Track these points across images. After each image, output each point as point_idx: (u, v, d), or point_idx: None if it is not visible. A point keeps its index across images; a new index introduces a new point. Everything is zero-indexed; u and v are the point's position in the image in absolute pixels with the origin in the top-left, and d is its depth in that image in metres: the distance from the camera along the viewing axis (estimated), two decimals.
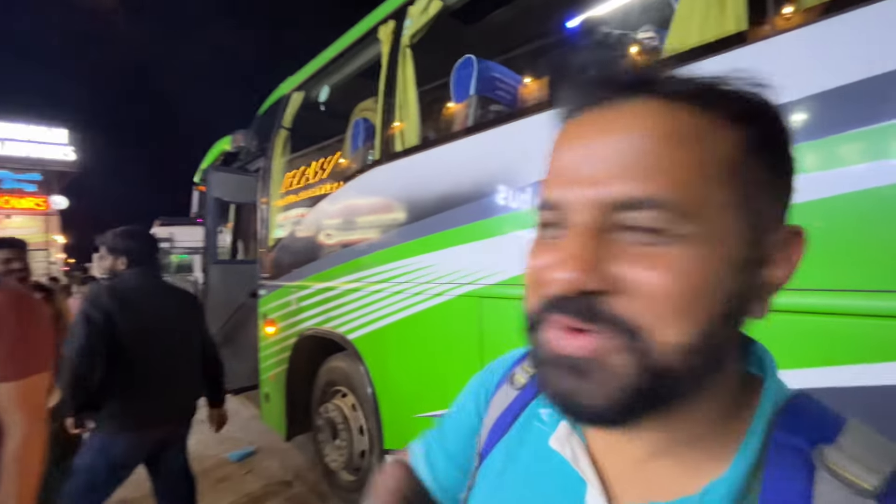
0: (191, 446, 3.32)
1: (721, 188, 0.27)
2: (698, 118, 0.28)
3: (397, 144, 1.97)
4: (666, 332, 0.26)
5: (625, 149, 0.27)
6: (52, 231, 18.81)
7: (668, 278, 0.26)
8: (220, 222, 3.78)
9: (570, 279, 0.27)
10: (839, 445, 0.28)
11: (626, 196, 0.27)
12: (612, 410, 0.28)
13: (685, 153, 0.27)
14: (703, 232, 0.26)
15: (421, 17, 1.88)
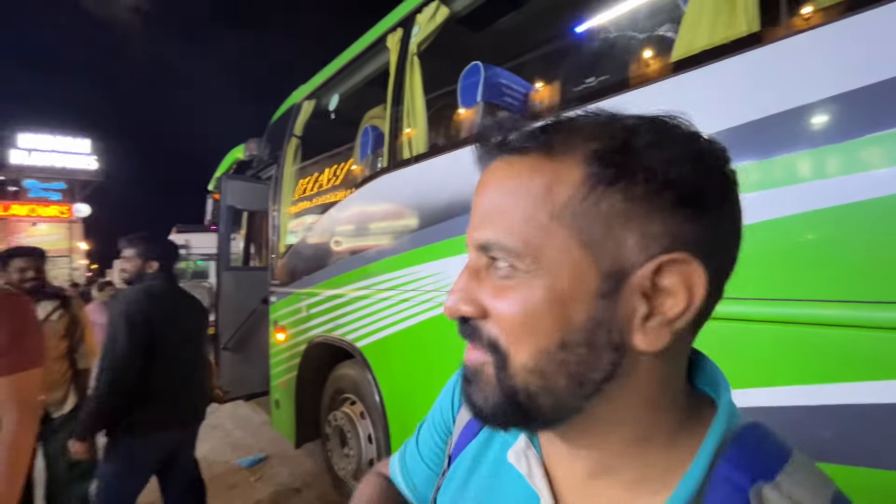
0: (203, 452, 3.35)
1: (559, 228, 0.29)
2: (540, 167, 0.31)
3: (405, 152, 1.97)
4: (519, 352, 0.30)
5: (485, 201, 0.33)
6: (76, 238, 19.37)
7: (514, 307, 0.30)
8: (234, 229, 3.83)
9: (451, 307, 0.34)
10: (777, 484, 0.28)
11: (482, 240, 0.32)
12: (493, 412, 0.32)
13: (518, 203, 0.31)
14: (542, 268, 0.30)
15: (428, 25, 1.88)
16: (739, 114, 0.96)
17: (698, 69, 1.04)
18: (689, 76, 1.06)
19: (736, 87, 0.99)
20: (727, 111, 0.98)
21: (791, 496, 0.27)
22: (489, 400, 0.32)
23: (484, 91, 1.73)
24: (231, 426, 3.98)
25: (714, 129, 0.99)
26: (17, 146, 17.98)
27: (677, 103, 0.88)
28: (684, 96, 1.07)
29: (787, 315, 0.89)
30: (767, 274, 0.91)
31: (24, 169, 18.24)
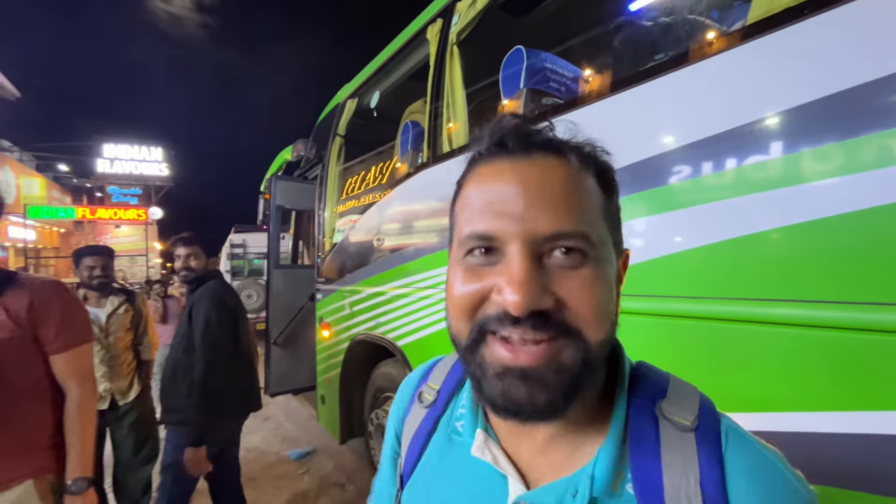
0: (254, 443, 3.50)
1: (602, 223, 0.37)
2: (582, 173, 0.37)
3: (445, 145, 1.90)
4: (595, 331, 0.34)
5: (549, 193, 0.35)
6: (151, 239, 21.17)
7: (592, 293, 0.34)
8: (283, 228, 3.96)
9: (526, 301, 0.32)
10: (668, 398, 0.38)
11: (557, 230, 0.34)
12: (558, 405, 0.34)
13: (586, 198, 0.36)
14: (601, 256, 0.35)
15: (468, 13, 1.81)
16: (832, 81, 0.80)
17: (771, 34, 0.89)
18: (760, 43, 0.90)
19: (819, 54, 0.83)
20: (812, 80, 0.82)
21: (678, 404, 0.38)
22: (561, 390, 0.34)
23: (527, 77, 1.63)
24: (283, 418, 4.13)
25: (796, 102, 0.83)
26: (103, 156, 19.94)
27: (741, 77, 0.71)
28: (749, 69, 0.92)
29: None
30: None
31: (107, 176, 20.20)
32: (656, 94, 1.11)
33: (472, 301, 0.36)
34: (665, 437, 0.36)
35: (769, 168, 0.88)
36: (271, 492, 2.72)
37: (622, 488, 0.36)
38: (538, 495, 0.38)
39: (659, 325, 1.06)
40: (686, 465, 0.35)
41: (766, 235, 0.88)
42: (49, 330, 1.12)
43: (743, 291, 0.91)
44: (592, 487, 0.36)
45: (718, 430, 0.36)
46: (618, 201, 0.41)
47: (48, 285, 1.15)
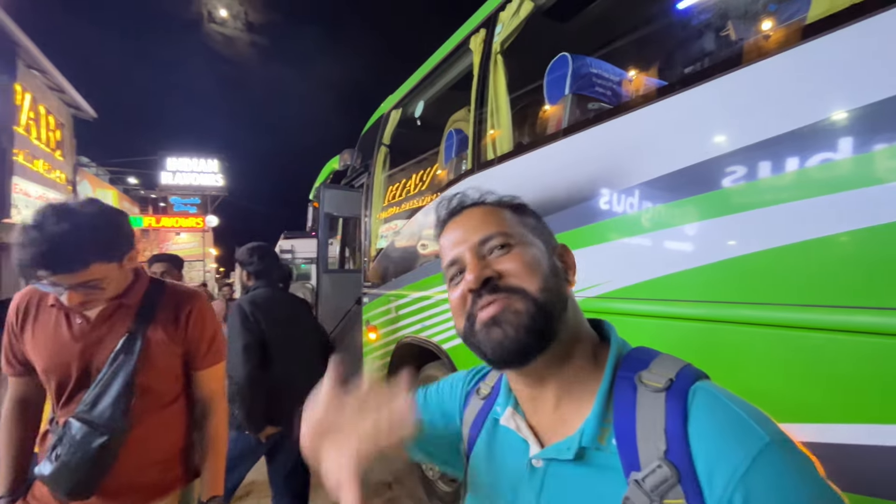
0: None
1: (517, 227, 0.55)
2: (495, 207, 0.57)
3: (489, 153, 1.94)
4: (532, 285, 0.49)
5: (478, 222, 0.55)
6: (208, 245, 22.59)
7: (520, 262, 0.51)
8: (331, 235, 4.13)
9: (477, 275, 0.50)
10: (649, 369, 0.47)
11: (484, 235, 0.53)
12: (525, 339, 0.48)
13: (499, 217, 0.55)
14: (523, 241, 0.53)
15: (512, 21, 1.84)
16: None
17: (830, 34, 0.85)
18: (817, 45, 0.87)
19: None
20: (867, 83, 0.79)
21: (656, 373, 0.46)
22: (522, 326, 0.48)
23: (572, 83, 1.63)
24: None
25: (849, 105, 0.80)
26: (166, 169, 21.55)
27: (797, 79, 0.71)
28: (807, 70, 0.88)
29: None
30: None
31: (170, 188, 21.79)
32: (702, 98, 1.09)
33: (460, 302, 0.53)
34: (640, 398, 0.45)
35: (832, 169, 0.85)
36: (322, 489, 2.82)
37: (608, 442, 0.45)
38: (546, 451, 0.50)
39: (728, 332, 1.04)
40: (654, 416, 0.43)
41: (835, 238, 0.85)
42: (202, 345, 1.12)
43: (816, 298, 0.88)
44: (581, 440, 0.46)
45: (688, 389, 0.44)
46: (535, 217, 0.59)
47: (197, 298, 1.15)
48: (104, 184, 18.55)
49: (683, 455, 0.40)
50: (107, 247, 0.95)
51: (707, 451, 0.39)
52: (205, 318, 1.14)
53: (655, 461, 0.40)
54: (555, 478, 0.48)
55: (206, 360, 1.14)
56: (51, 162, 13.09)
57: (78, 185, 15.23)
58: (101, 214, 0.95)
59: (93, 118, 15.76)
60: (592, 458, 0.46)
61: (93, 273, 0.92)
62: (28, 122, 11.84)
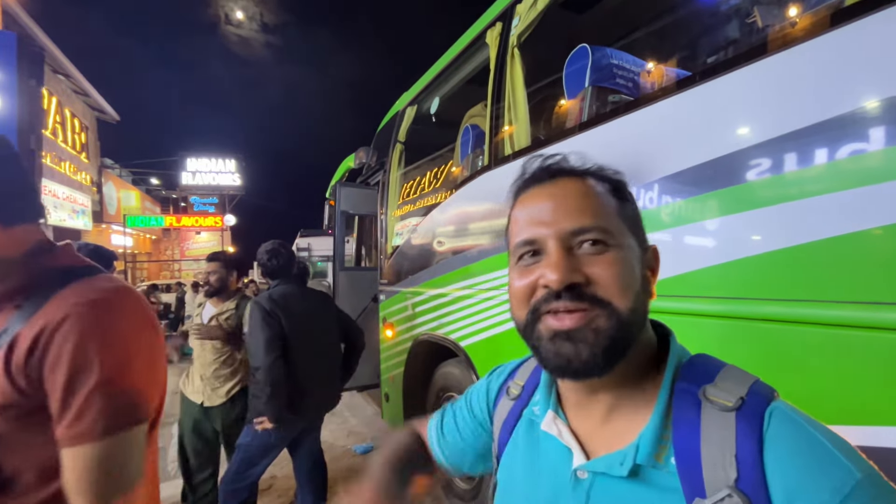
0: (323, 437, 3.67)
1: (617, 220, 0.46)
2: (596, 186, 0.47)
3: (506, 148, 1.91)
4: (622, 301, 0.43)
5: (571, 203, 0.46)
6: (226, 243, 23.03)
7: (615, 271, 0.43)
8: (347, 233, 4.16)
9: (562, 278, 0.42)
10: (715, 383, 0.42)
11: (580, 225, 0.44)
12: (598, 359, 0.42)
13: (599, 203, 0.46)
14: (620, 243, 0.44)
15: (529, 14, 1.80)
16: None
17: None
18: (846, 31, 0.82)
19: None
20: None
21: (723, 388, 0.41)
22: (600, 346, 0.42)
23: (592, 75, 1.60)
24: (348, 414, 4.33)
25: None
26: (186, 169, 22.03)
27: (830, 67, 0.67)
28: (835, 59, 0.84)
29: None
30: None
31: (190, 188, 22.29)
32: (725, 90, 1.05)
33: (526, 291, 0.46)
34: (706, 416, 0.40)
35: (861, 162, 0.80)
36: (340, 483, 2.86)
37: (666, 460, 0.41)
38: (594, 464, 0.45)
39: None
40: (724, 440, 0.38)
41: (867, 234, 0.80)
42: (54, 396, 0.58)
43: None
44: (636, 456, 0.42)
45: (763, 410, 0.39)
46: (634, 207, 0.49)
47: (90, 306, 0.61)
48: (127, 185, 19.07)
49: (758, 485, 0.36)
50: None
51: (787, 484, 0.35)
52: (74, 350, 0.58)
53: (725, 489, 0.37)
54: (603, 493, 0.44)
55: (63, 429, 0.58)
56: (77, 164, 13.51)
57: (103, 185, 15.70)
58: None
59: (116, 121, 16.20)
60: (648, 477, 0.42)
61: None
62: (55, 126, 12.22)
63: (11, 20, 9.55)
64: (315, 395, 2.04)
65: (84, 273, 0.66)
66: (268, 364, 1.80)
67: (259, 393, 1.82)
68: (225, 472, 1.96)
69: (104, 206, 15.63)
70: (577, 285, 0.42)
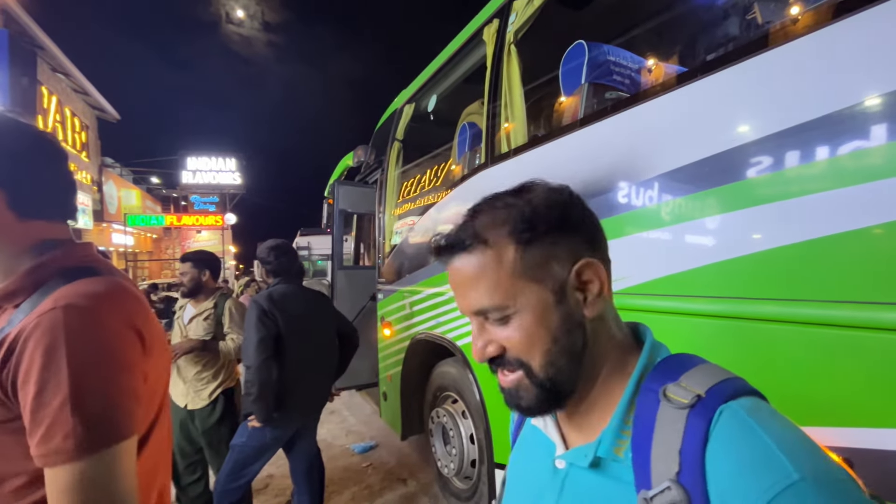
0: (321, 435, 3.65)
1: (517, 281, 0.46)
2: (486, 254, 0.47)
3: (503, 146, 1.90)
4: (536, 360, 0.47)
5: (464, 286, 0.49)
6: (227, 242, 23.06)
7: (520, 337, 0.47)
8: (346, 231, 4.14)
9: (480, 357, 0.50)
10: (677, 382, 0.44)
11: (478, 307, 0.48)
12: (537, 406, 0.48)
13: (491, 278, 0.47)
14: (520, 307, 0.47)
15: (526, 10, 1.79)
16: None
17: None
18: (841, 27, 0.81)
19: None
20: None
21: (684, 387, 0.43)
22: (532, 398, 0.48)
23: (589, 71, 1.58)
24: (347, 413, 4.33)
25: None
26: (187, 168, 22.03)
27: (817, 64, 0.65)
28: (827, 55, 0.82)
29: None
30: None
31: (190, 187, 22.29)
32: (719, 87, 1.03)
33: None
34: (661, 413, 0.43)
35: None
36: (338, 482, 2.86)
37: (626, 455, 0.44)
38: (568, 455, 0.50)
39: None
40: (672, 434, 0.41)
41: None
42: (26, 408, 0.54)
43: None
44: (598, 449, 0.46)
45: (715, 408, 0.40)
46: (541, 240, 0.47)
47: (65, 313, 0.56)
48: (128, 184, 19.06)
49: (697, 480, 0.37)
50: None
51: (721, 480, 0.36)
52: (43, 359, 0.54)
53: (666, 482, 0.39)
54: (574, 482, 0.49)
55: (35, 448, 0.54)
56: (77, 163, 13.51)
57: (104, 185, 15.70)
58: None
59: (116, 120, 16.20)
60: (608, 469, 0.46)
61: None
62: (55, 124, 12.21)
63: (10, 19, 9.54)
64: (310, 394, 2.03)
65: (79, 274, 0.63)
66: (258, 364, 1.79)
67: (249, 390, 1.82)
68: (219, 472, 1.95)
69: (105, 205, 15.63)
70: (498, 356, 0.48)
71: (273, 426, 1.89)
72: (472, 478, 2.25)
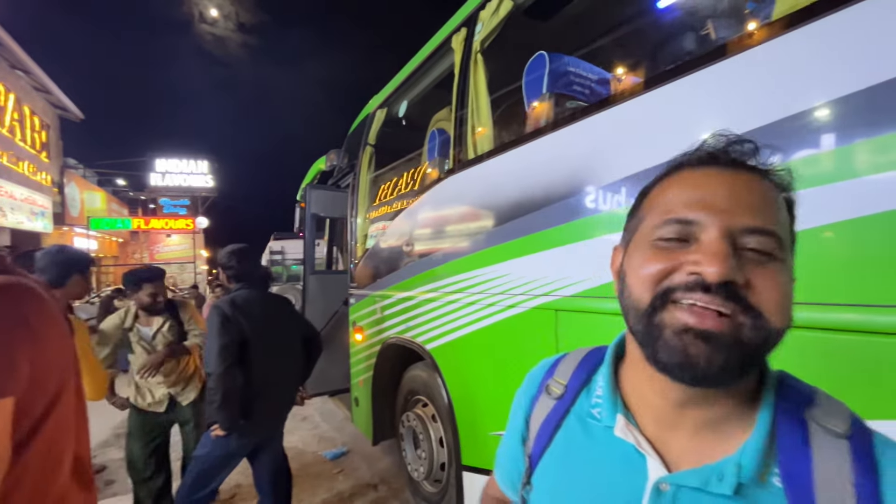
0: (292, 442, 3.62)
1: (788, 234, 0.41)
2: (778, 194, 0.42)
3: (469, 152, 1.93)
4: (776, 316, 0.38)
5: (752, 198, 0.40)
6: (198, 247, 22.39)
7: (778, 283, 0.38)
8: (318, 235, 4.10)
9: (724, 271, 0.37)
10: (820, 407, 0.41)
11: (755, 225, 0.38)
12: (732, 371, 0.38)
13: (778, 211, 0.41)
14: (787, 258, 0.40)
15: (491, 21, 1.83)
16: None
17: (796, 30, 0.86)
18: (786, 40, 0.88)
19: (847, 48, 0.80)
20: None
21: (830, 413, 0.40)
22: (737, 360, 0.37)
23: (550, 82, 1.63)
24: (319, 419, 4.27)
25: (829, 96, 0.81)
26: (155, 170, 21.33)
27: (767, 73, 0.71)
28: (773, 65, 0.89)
29: None
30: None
31: (159, 189, 21.58)
32: (674, 96, 1.10)
33: (660, 273, 0.40)
34: (815, 440, 0.39)
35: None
36: (308, 490, 2.81)
37: (769, 480, 0.39)
38: (682, 477, 0.41)
39: None
40: (839, 468, 0.37)
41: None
42: None
43: None
44: (740, 474, 0.39)
45: (872, 441, 0.38)
46: (793, 220, 0.43)
47: None
48: (92, 186, 18.31)
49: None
50: None
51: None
52: None
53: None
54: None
55: None
56: (36, 164, 12.91)
57: (65, 186, 15.03)
58: None
59: (80, 119, 15.56)
60: (749, 496, 0.39)
61: None
62: (12, 123, 11.65)
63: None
64: (274, 401, 2.00)
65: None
66: (220, 372, 1.76)
67: (212, 399, 1.78)
68: (181, 484, 1.90)
69: (66, 207, 14.96)
70: (736, 285, 0.37)
71: (238, 434, 1.86)
72: (442, 481, 2.26)
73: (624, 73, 1.83)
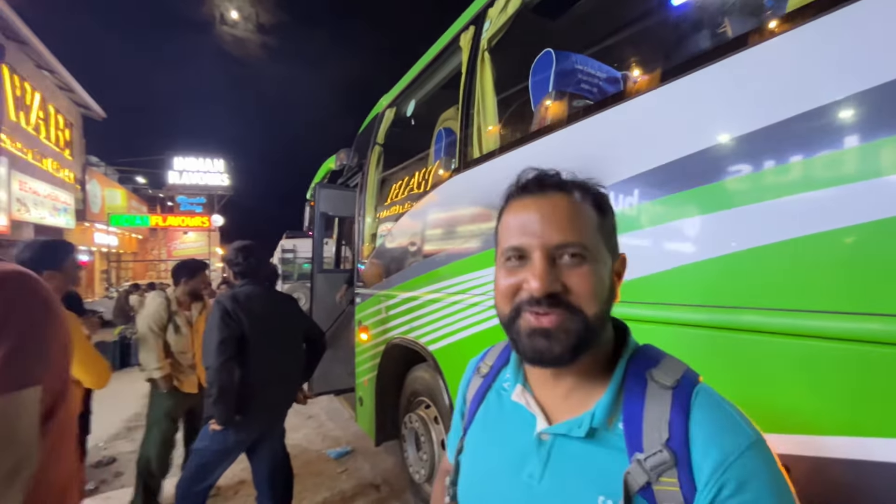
0: (297, 440, 3.63)
1: (596, 236, 0.53)
2: (581, 202, 0.54)
3: (475, 151, 1.91)
4: (590, 308, 0.51)
5: (557, 217, 0.52)
6: (214, 244, 22.77)
7: (589, 283, 0.51)
8: (327, 234, 4.12)
9: (543, 288, 0.50)
10: (658, 367, 0.54)
11: (563, 240, 0.51)
12: (566, 354, 0.51)
13: (582, 220, 0.53)
14: (595, 258, 0.52)
15: (499, 18, 1.80)
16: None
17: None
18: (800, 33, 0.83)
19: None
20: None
21: (665, 371, 0.52)
22: (569, 345, 0.50)
23: (557, 80, 1.60)
24: (324, 417, 4.28)
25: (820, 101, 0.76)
26: (173, 168, 21.78)
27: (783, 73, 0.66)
28: (791, 64, 0.84)
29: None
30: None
31: (177, 187, 22.02)
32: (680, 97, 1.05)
33: (511, 290, 0.53)
34: (649, 392, 0.51)
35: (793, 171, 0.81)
36: (311, 488, 2.82)
37: (616, 426, 0.52)
38: (557, 427, 0.55)
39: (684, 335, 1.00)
40: (661, 409, 0.49)
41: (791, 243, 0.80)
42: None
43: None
44: (592, 421, 0.52)
45: (692, 390, 0.50)
46: (612, 219, 0.57)
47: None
48: (113, 183, 18.77)
49: (682, 444, 0.47)
50: None
51: (703, 442, 0.46)
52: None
53: (657, 446, 0.47)
54: (561, 451, 0.54)
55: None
56: (60, 161, 13.27)
57: (87, 183, 15.44)
58: None
59: (102, 118, 15.96)
60: (600, 438, 0.52)
61: None
62: (37, 122, 12.00)
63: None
64: (272, 398, 2.00)
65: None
66: (217, 366, 1.76)
67: (209, 392, 1.78)
68: (181, 477, 1.91)
69: (88, 204, 15.35)
70: (556, 294, 0.50)
71: (236, 429, 1.86)
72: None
73: (633, 70, 1.79)
